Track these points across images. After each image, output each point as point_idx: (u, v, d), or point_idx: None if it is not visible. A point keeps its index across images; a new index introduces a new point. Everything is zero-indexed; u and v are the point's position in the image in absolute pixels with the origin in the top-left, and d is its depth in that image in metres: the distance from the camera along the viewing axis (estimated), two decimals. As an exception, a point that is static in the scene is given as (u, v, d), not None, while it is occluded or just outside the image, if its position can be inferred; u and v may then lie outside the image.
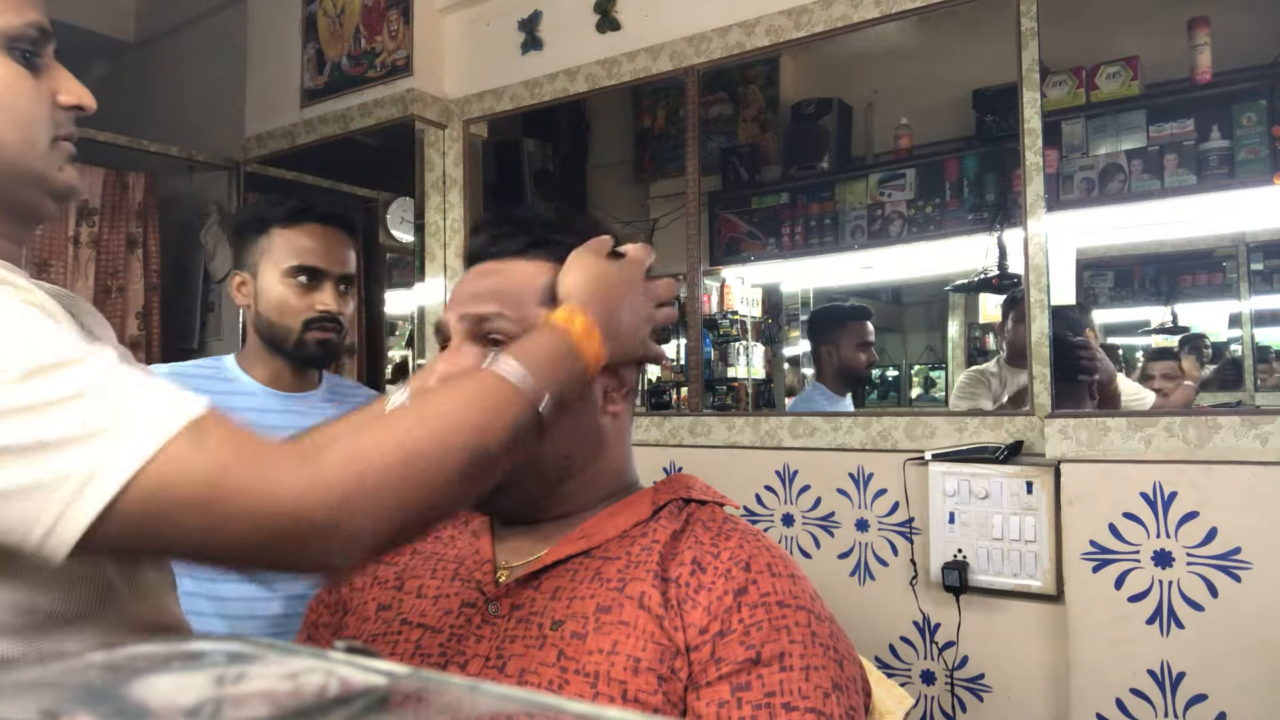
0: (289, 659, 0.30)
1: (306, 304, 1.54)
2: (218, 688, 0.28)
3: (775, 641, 0.73)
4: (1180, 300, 2.77)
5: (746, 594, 0.75)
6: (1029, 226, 1.88)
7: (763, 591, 0.76)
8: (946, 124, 2.91)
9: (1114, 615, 1.63)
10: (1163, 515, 1.60)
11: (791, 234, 3.11)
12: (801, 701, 0.71)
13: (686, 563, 0.78)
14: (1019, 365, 2.46)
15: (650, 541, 0.80)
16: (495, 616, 0.79)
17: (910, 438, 1.95)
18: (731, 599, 0.75)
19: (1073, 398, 1.95)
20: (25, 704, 0.27)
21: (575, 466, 0.84)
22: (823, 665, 0.74)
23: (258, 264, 1.55)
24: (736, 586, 0.75)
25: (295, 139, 3.03)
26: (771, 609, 0.75)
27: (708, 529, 0.82)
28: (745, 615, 0.74)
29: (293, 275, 1.53)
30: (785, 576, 0.78)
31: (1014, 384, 2.48)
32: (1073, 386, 2.08)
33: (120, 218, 2.92)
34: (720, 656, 0.72)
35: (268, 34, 3.17)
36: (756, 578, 0.76)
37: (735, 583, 0.76)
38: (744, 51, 2.29)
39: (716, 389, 3.42)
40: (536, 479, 0.81)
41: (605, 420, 0.85)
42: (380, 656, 0.30)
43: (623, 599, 0.75)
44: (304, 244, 1.54)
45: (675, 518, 0.83)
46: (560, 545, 0.81)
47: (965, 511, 1.82)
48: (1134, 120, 2.33)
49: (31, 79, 0.77)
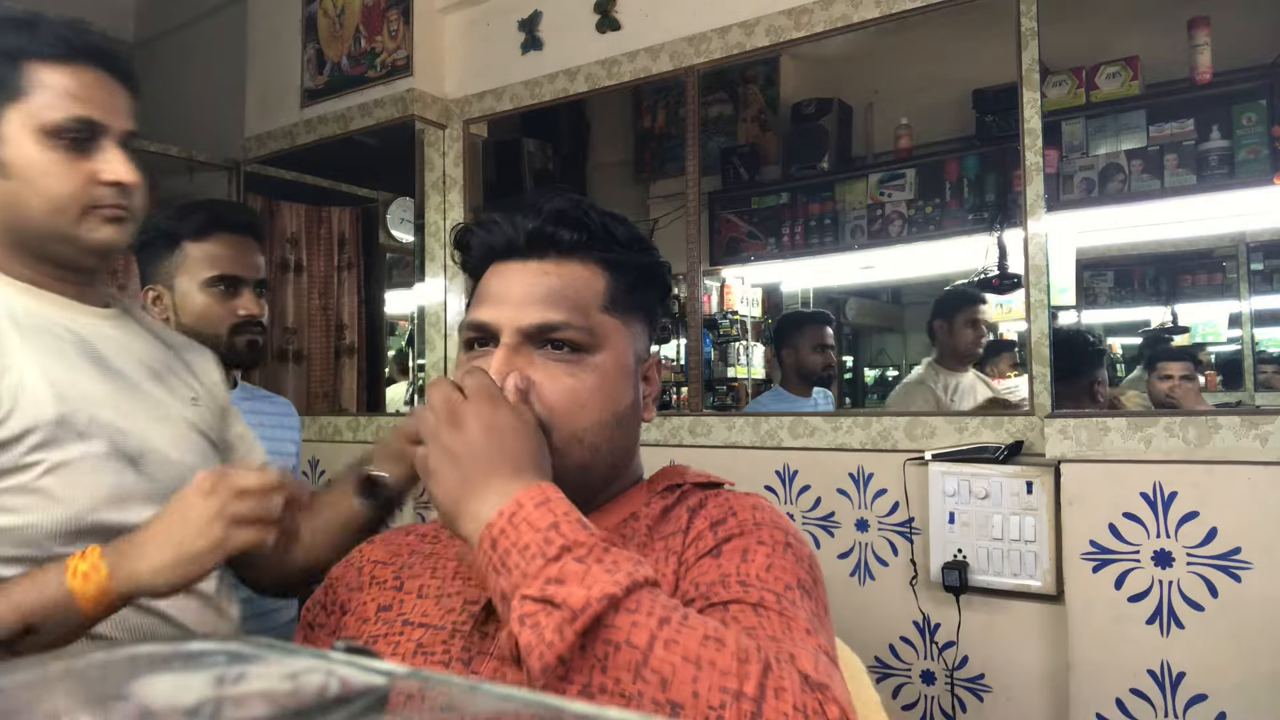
0: (289, 659, 0.30)
1: (229, 311, 1.61)
2: (218, 688, 0.28)
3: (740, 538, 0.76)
4: (1180, 300, 2.77)
5: (723, 522, 0.79)
6: (1029, 226, 1.88)
7: (740, 519, 0.78)
8: (946, 124, 2.91)
9: (1114, 615, 1.63)
10: (1163, 515, 1.60)
11: (791, 234, 3.11)
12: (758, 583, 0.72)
13: (680, 519, 0.81)
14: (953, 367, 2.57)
15: (640, 522, 0.82)
16: None
17: (910, 438, 1.95)
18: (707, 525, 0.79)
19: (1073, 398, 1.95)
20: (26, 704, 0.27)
21: (617, 470, 0.85)
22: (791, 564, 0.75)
23: (173, 277, 1.61)
24: (715, 518, 0.79)
25: (295, 139, 3.03)
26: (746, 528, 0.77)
27: (698, 494, 0.85)
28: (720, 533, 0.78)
29: (212, 285, 1.59)
30: (767, 511, 0.81)
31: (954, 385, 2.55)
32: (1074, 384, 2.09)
33: (120, 218, 2.92)
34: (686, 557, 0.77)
35: (268, 34, 3.17)
36: (736, 512, 0.80)
37: (715, 517, 0.79)
38: (744, 51, 2.29)
39: (716, 389, 3.43)
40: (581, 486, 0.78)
41: (641, 426, 0.88)
42: (380, 657, 0.30)
43: None
44: (218, 254, 1.60)
45: (667, 498, 0.85)
46: None
47: (965, 511, 1.82)
48: (1134, 120, 2.33)
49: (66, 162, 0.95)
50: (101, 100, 0.97)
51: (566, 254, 0.81)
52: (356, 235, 3.33)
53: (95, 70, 0.97)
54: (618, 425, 0.81)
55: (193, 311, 1.60)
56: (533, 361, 0.78)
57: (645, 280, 0.86)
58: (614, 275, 0.83)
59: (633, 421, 0.84)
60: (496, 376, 0.75)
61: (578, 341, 0.78)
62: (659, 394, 0.89)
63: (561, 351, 0.78)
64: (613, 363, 0.81)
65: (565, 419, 0.77)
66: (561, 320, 0.78)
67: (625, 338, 0.82)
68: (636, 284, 0.85)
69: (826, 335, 2.90)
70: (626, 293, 0.83)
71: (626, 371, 0.82)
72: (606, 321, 0.81)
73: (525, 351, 0.78)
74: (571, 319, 0.78)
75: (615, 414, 0.81)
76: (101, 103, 0.97)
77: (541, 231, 0.81)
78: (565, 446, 0.77)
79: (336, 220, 3.31)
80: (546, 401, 0.77)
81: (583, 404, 0.78)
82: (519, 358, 0.78)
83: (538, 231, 0.81)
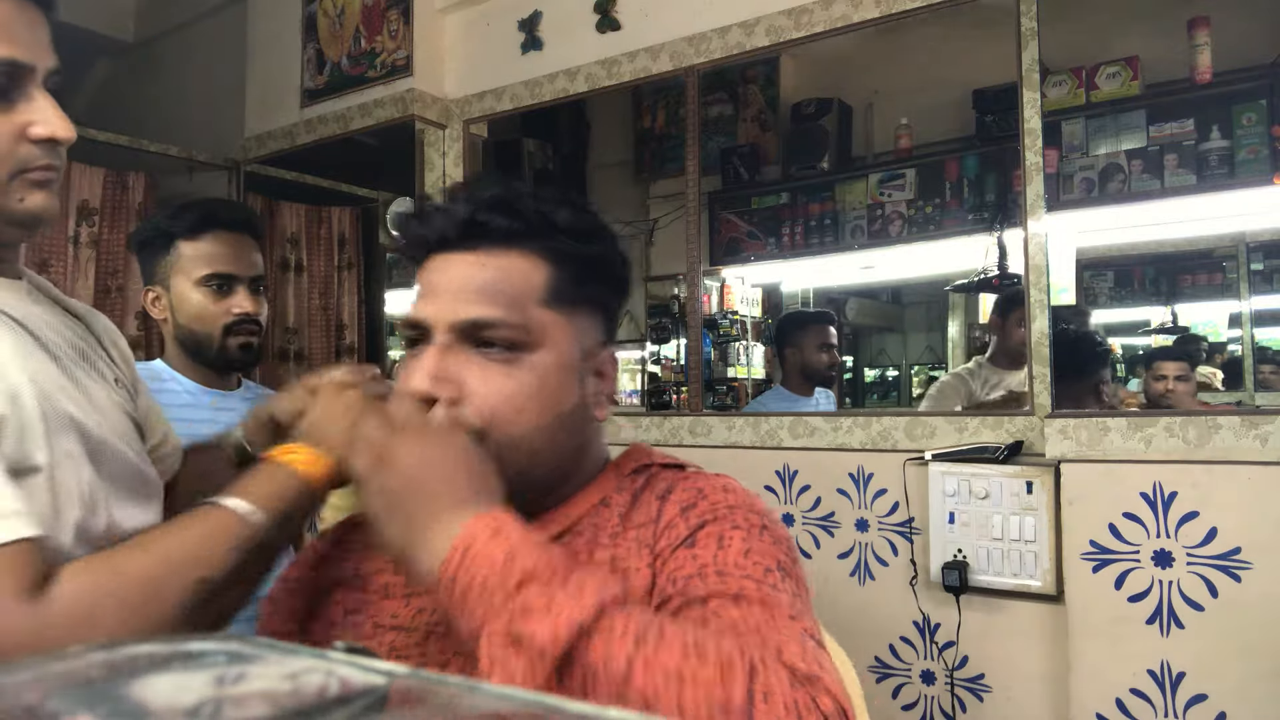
0: (289, 659, 0.30)
1: (223, 309, 1.60)
2: (218, 688, 0.28)
3: (715, 526, 0.73)
4: (1180, 300, 2.77)
5: (694, 507, 0.75)
6: (1029, 226, 1.88)
7: (711, 504, 0.75)
8: (946, 124, 2.91)
9: (1114, 615, 1.63)
10: (1163, 515, 1.60)
11: (791, 234, 3.11)
12: (736, 570, 0.70)
13: (651, 506, 0.77)
14: (1004, 366, 2.48)
15: (611, 511, 0.79)
16: None
17: (910, 438, 1.95)
18: (678, 511, 0.75)
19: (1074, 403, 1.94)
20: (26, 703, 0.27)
21: (564, 473, 0.80)
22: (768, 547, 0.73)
23: (169, 277, 1.61)
24: (685, 503, 0.76)
25: (295, 139, 3.03)
26: (719, 514, 0.74)
27: (665, 479, 0.81)
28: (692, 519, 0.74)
29: (205, 283, 1.59)
30: (740, 494, 0.78)
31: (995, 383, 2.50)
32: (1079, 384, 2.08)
33: (120, 218, 2.92)
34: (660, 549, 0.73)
35: (268, 34, 3.17)
36: (706, 495, 0.76)
37: (685, 502, 0.76)
38: (744, 51, 2.29)
39: (716, 389, 3.43)
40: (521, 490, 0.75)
41: (592, 426, 0.82)
42: (379, 657, 0.30)
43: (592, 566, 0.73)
44: (212, 252, 1.59)
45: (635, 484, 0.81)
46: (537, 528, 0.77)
47: (965, 511, 1.82)
48: (1134, 120, 2.33)
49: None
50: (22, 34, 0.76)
51: (503, 244, 0.76)
52: (356, 235, 3.33)
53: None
54: (560, 428, 0.76)
55: (188, 311, 1.59)
56: (467, 361, 0.74)
57: (594, 271, 0.80)
58: (557, 266, 0.77)
59: (580, 422, 0.79)
60: (426, 379, 0.72)
61: (513, 340, 0.73)
62: (614, 391, 0.84)
63: (496, 350, 0.74)
64: (554, 362, 0.75)
65: (501, 424, 0.73)
66: (495, 317, 0.73)
67: (569, 334, 0.77)
68: (584, 275, 0.78)
69: (830, 335, 2.91)
70: (572, 285, 0.77)
71: (570, 370, 0.77)
72: (546, 317, 0.75)
73: (459, 350, 0.74)
74: (506, 316, 0.73)
75: (557, 416, 0.76)
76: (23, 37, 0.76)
77: (474, 221, 0.76)
78: (502, 453, 0.72)
79: (336, 220, 3.31)
80: (480, 407, 0.73)
81: (519, 408, 0.73)
82: (451, 357, 0.73)
83: (470, 221, 0.76)
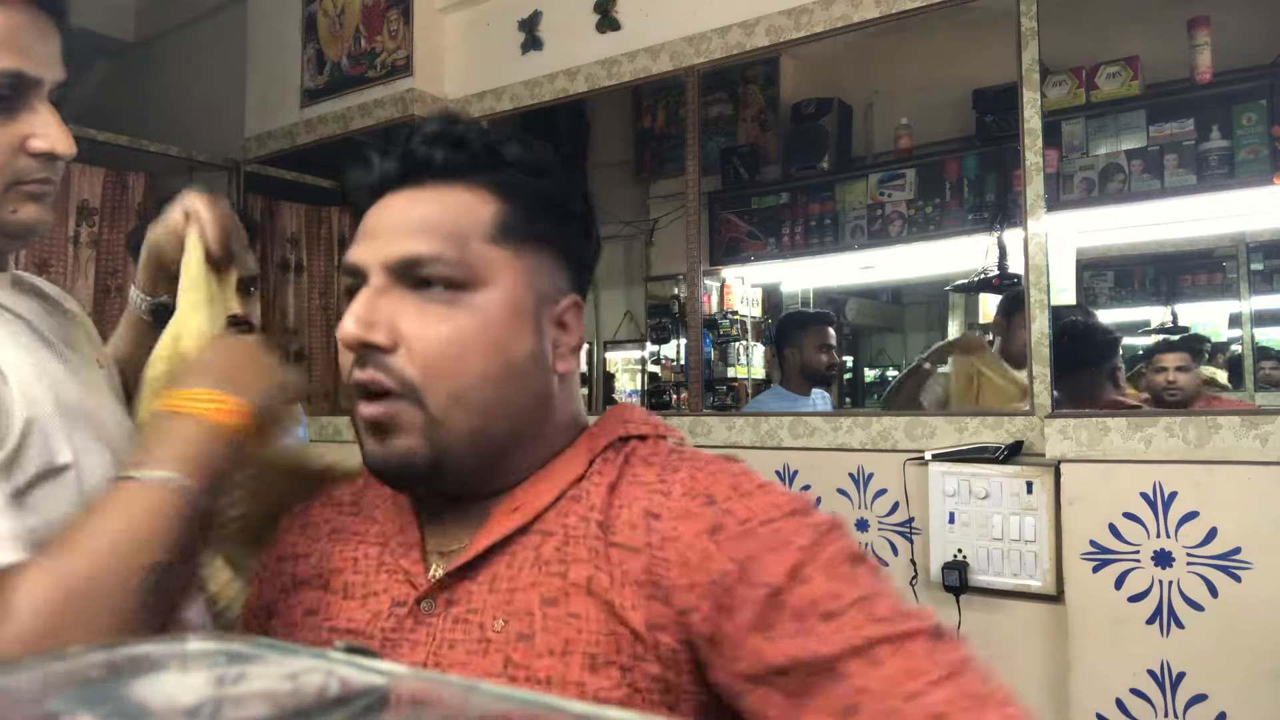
0: (289, 659, 0.30)
1: None
2: (218, 688, 0.28)
3: (782, 562, 0.62)
4: (1180, 300, 2.77)
5: (723, 529, 0.63)
6: (1029, 226, 1.88)
7: (740, 519, 0.64)
8: (946, 124, 2.91)
9: (1114, 615, 1.63)
10: (1163, 515, 1.60)
11: (791, 234, 3.11)
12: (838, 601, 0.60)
13: (638, 521, 0.66)
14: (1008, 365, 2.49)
15: (586, 509, 0.68)
16: (429, 616, 0.67)
17: (910, 438, 1.95)
18: (707, 542, 0.63)
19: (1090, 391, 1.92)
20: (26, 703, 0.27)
21: (523, 436, 0.70)
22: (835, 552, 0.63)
23: None
24: (706, 527, 0.64)
25: (295, 139, 3.03)
26: (758, 534, 0.63)
27: (650, 464, 0.70)
28: (732, 550, 0.62)
29: None
30: (755, 491, 0.66)
31: None
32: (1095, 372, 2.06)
33: (120, 218, 2.92)
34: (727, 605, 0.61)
35: (268, 34, 3.17)
36: (727, 508, 0.65)
37: (702, 522, 0.64)
38: (744, 51, 2.29)
39: (716, 389, 3.43)
40: (475, 456, 0.67)
41: (554, 380, 0.72)
42: (380, 657, 0.30)
43: (568, 586, 0.64)
44: None
45: (611, 465, 0.71)
46: (492, 523, 0.69)
47: (965, 511, 1.82)
48: (1134, 120, 2.33)
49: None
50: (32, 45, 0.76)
51: (448, 179, 0.70)
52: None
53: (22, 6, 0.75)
54: (510, 379, 0.67)
55: None
56: (403, 304, 0.66)
57: (549, 208, 0.72)
58: (506, 201, 0.70)
59: (535, 374, 0.70)
60: (356, 324, 0.65)
61: (452, 278, 0.66)
62: (579, 343, 0.74)
63: (434, 290, 0.66)
64: (500, 302, 0.67)
65: (439, 376, 0.65)
66: (430, 253, 0.66)
67: (519, 273, 0.69)
68: (536, 211, 0.71)
69: (830, 335, 2.92)
70: (524, 221, 0.70)
71: (521, 313, 0.68)
72: (492, 254, 0.68)
73: (394, 293, 0.67)
74: (442, 250, 0.66)
75: (505, 364, 0.67)
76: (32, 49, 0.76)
77: (414, 155, 0.70)
78: (444, 412, 0.65)
79: (336, 220, 3.31)
80: (417, 351, 0.65)
81: (461, 353, 0.65)
82: (385, 300, 0.66)
83: (409, 155, 0.70)
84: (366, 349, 0.65)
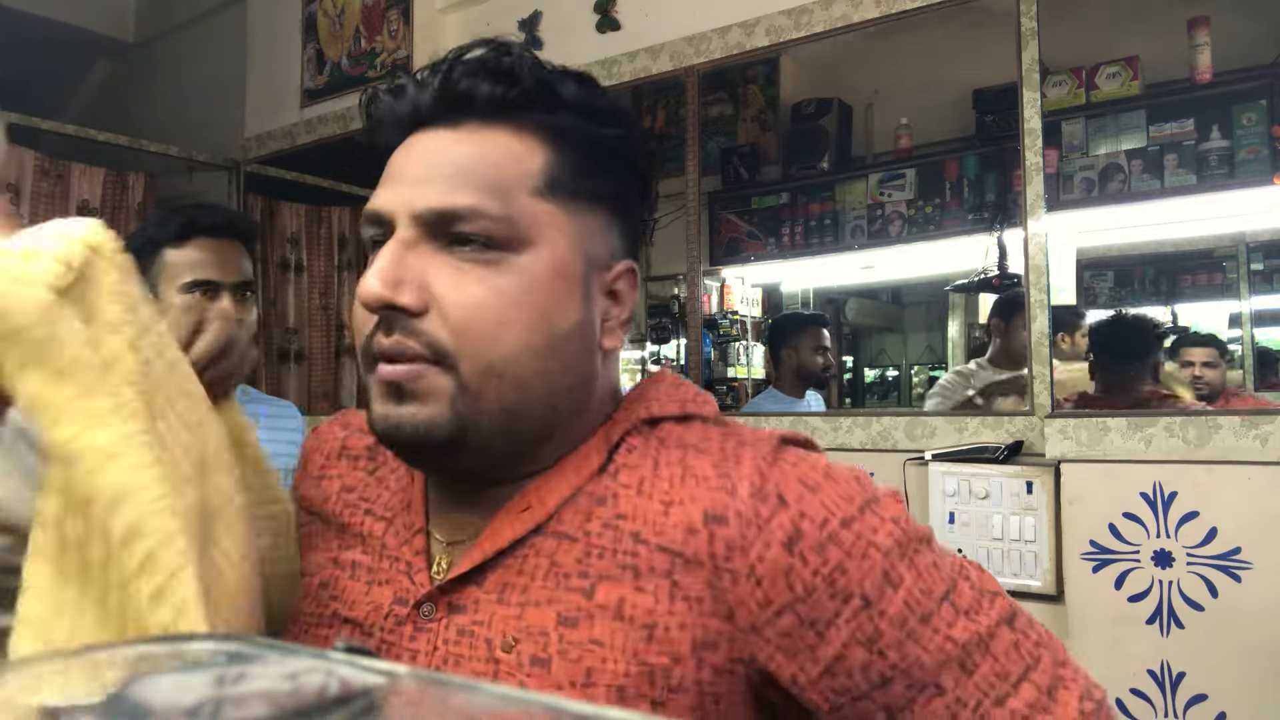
0: (289, 659, 0.30)
1: None
2: (218, 688, 0.28)
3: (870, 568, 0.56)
4: (1180, 300, 2.77)
5: (802, 538, 0.56)
6: (1029, 226, 1.88)
7: (818, 523, 0.56)
8: (946, 124, 2.91)
9: (1114, 615, 1.63)
10: (1163, 515, 1.61)
11: (791, 234, 3.11)
12: (930, 599, 0.57)
13: (699, 526, 0.57)
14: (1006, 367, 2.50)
15: (613, 514, 0.59)
16: (429, 622, 0.60)
17: (910, 438, 1.95)
18: (783, 553, 0.56)
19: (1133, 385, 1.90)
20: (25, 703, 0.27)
21: (559, 419, 0.61)
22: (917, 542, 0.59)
23: (158, 285, 1.60)
24: (783, 537, 0.56)
25: (295, 139, 3.03)
26: (840, 539, 0.56)
27: (702, 453, 0.60)
28: (816, 563, 0.56)
29: (188, 290, 1.57)
30: (823, 483, 0.58)
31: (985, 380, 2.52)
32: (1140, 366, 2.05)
33: (120, 218, 2.93)
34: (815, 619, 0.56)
35: (268, 34, 3.17)
36: (800, 509, 0.57)
37: (778, 532, 0.56)
38: (744, 51, 2.29)
39: (716, 389, 3.43)
40: (505, 437, 0.59)
41: (599, 358, 0.63)
42: (380, 657, 0.30)
43: (592, 608, 0.56)
44: (194, 259, 1.58)
45: (642, 457, 0.61)
46: (499, 525, 0.61)
47: (965, 511, 1.82)
48: (1134, 120, 2.33)
49: None
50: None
51: (490, 119, 0.60)
52: (356, 235, 3.34)
53: None
54: (553, 353, 0.59)
55: (174, 319, 1.59)
56: (435, 261, 0.57)
57: (608, 161, 0.63)
58: (558, 149, 0.60)
59: (581, 350, 0.61)
60: (379, 282, 0.55)
61: (494, 235, 0.57)
62: (630, 317, 0.65)
63: (473, 249, 0.57)
64: (547, 265, 0.58)
65: (476, 343, 0.56)
66: (469, 206, 0.56)
67: (569, 234, 0.60)
68: (593, 164, 0.62)
69: (825, 337, 2.93)
70: (575, 174, 0.61)
71: (570, 278, 0.59)
72: (540, 209, 0.58)
73: (425, 249, 0.57)
74: (483, 204, 0.57)
75: (550, 336, 0.58)
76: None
77: (453, 88, 0.60)
78: (479, 384, 0.57)
79: (336, 220, 3.31)
80: (451, 317, 0.56)
81: (500, 320, 0.57)
82: (415, 257, 0.57)
83: (448, 87, 0.60)
84: (392, 311, 0.56)
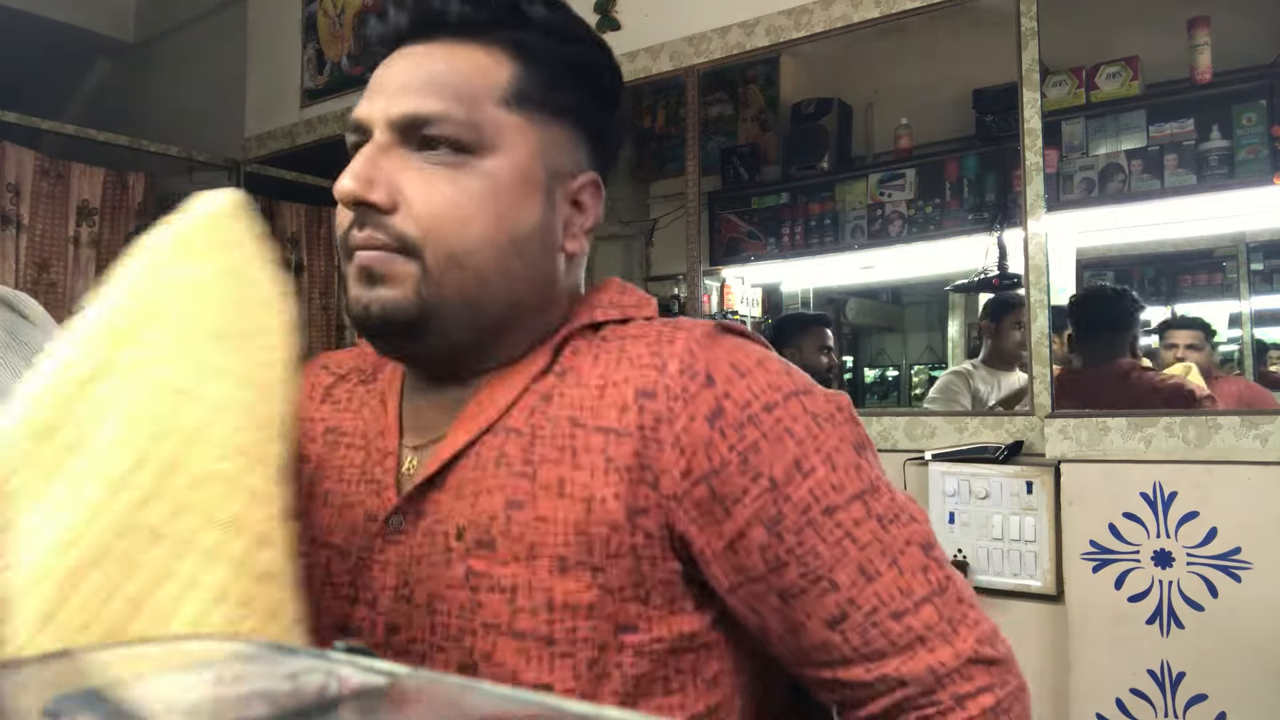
0: (289, 659, 0.30)
1: None
2: (218, 688, 0.28)
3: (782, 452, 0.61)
4: (1180, 300, 2.77)
5: (723, 415, 0.61)
6: (1029, 226, 1.88)
7: (740, 403, 0.61)
8: (946, 124, 2.91)
9: (1114, 615, 1.63)
10: (1163, 515, 1.61)
11: (791, 234, 3.11)
12: (839, 494, 0.61)
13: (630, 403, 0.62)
14: (999, 367, 2.51)
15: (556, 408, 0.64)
16: (399, 533, 0.65)
17: (910, 438, 1.95)
18: (705, 427, 0.61)
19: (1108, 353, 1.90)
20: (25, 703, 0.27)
21: (520, 312, 0.67)
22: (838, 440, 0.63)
23: None
24: (706, 411, 0.61)
25: (295, 139, 3.03)
26: (760, 421, 0.61)
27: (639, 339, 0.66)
28: (734, 439, 0.60)
29: None
30: (754, 369, 0.63)
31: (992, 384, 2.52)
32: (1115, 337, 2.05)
33: (120, 218, 2.93)
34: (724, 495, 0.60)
35: (268, 34, 3.17)
36: (726, 389, 0.62)
37: (702, 405, 0.61)
38: (744, 51, 2.29)
39: (716, 389, 3.42)
40: (470, 326, 0.65)
41: (561, 259, 0.69)
42: (379, 657, 0.30)
43: (535, 490, 0.62)
44: None
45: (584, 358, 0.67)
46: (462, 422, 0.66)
47: (965, 511, 1.82)
48: (1134, 120, 2.33)
49: None
50: None
51: (462, 36, 0.66)
52: (356, 235, 3.34)
53: None
54: (513, 249, 0.65)
55: None
56: (406, 164, 0.64)
57: (573, 76, 0.68)
58: (525, 64, 0.66)
59: (540, 249, 0.67)
60: (354, 181, 0.62)
61: (459, 139, 0.63)
62: (593, 224, 0.71)
63: (440, 152, 0.63)
64: (509, 170, 0.64)
65: (439, 234, 0.62)
66: (437, 111, 0.63)
67: (533, 143, 0.66)
68: (558, 79, 0.67)
69: (828, 337, 2.93)
70: (543, 88, 0.66)
71: (531, 184, 0.66)
72: (504, 118, 0.65)
73: (397, 153, 0.64)
74: (450, 110, 0.63)
75: (510, 234, 0.64)
76: None
77: (428, 7, 0.66)
78: (441, 271, 0.62)
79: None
80: (419, 213, 0.62)
81: (464, 216, 0.63)
82: (387, 160, 0.63)
83: (422, 7, 0.67)
84: (364, 208, 0.63)
